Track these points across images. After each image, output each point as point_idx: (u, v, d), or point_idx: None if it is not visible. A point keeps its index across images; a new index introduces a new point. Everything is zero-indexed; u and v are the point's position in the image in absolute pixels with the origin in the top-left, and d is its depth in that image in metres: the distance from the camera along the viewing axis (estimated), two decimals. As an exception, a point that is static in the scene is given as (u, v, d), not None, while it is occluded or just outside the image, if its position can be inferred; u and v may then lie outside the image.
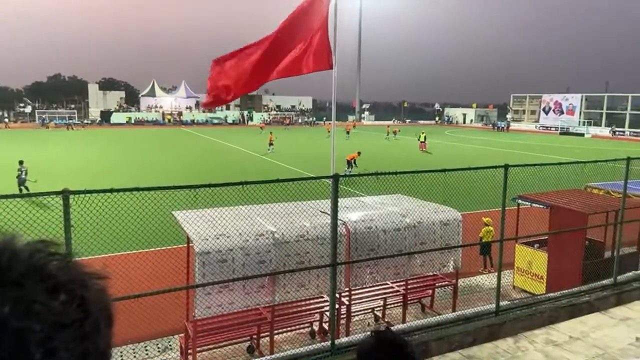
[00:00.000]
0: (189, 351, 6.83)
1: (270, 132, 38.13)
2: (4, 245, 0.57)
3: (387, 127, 56.11)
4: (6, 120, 67.55)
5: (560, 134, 68.17)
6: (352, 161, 25.04)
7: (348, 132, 48.01)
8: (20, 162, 18.67)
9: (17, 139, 43.57)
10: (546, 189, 10.50)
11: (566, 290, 8.64)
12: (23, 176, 18.26)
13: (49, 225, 5.76)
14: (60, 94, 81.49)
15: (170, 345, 7.74)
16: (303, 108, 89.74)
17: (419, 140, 38.72)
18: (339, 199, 6.45)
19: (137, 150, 36.47)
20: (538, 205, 10.20)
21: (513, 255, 10.23)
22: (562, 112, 77.39)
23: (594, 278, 9.06)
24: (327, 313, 7.51)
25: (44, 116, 68.01)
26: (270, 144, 35.56)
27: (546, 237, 10.14)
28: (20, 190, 17.41)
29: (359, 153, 25.82)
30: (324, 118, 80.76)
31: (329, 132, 43.69)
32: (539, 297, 8.70)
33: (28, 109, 72.48)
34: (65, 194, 4.58)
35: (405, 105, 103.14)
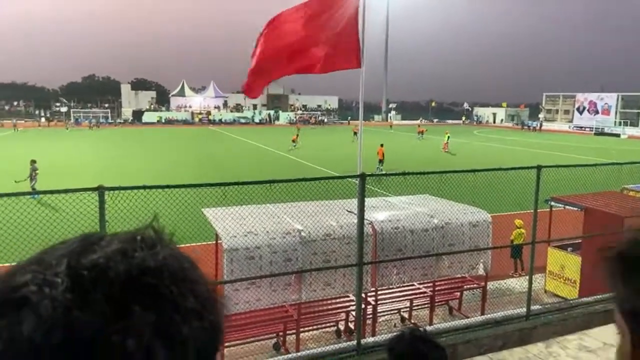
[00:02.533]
0: (217, 346, 6.92)
1: (298, 129, 39.19)
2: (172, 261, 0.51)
3: (418, 127, 55.25)
4: (42, 119, 70.17)
5: (595, 134, 66.02)
6: (382, 159, 25.09)
7: (389, 129, 47.24)
8: (32, 162, 18.65)
9: (53, 138, 45.12)
10: (580, 191, 10.19)
11: (600, 296, 8.36)
12: (35, 175, 18.17)
13: (81, 222, 5.95)
14: (94, 94, 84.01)
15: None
16: (329, 107, 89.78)
17: (444, 141, 38.26)
18: (365, 199, 6.42)
19: (169, 148, 37.23)
20: (572, 208, 9.91)
21: (545, 258, 9.97)
22: (597, 112, 74.94)
23: (631, 283, 8.72)
24: (353, 312, 7.49)
25: (77, 115, 70.29)
26: (294, 142, 36.92)
27: (580, 241, 9.84)
28: (33, 189, 17.01)
29: (382, 145, 25.80)
30: (349, 117, 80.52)
31: (355, 134, 43.67)
32: (571, 301, 8.45)
33: (64, 109, 75.04)
34: (100, 190, 4.72)
35: (434, 104, 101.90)
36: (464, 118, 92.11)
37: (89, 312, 0.44)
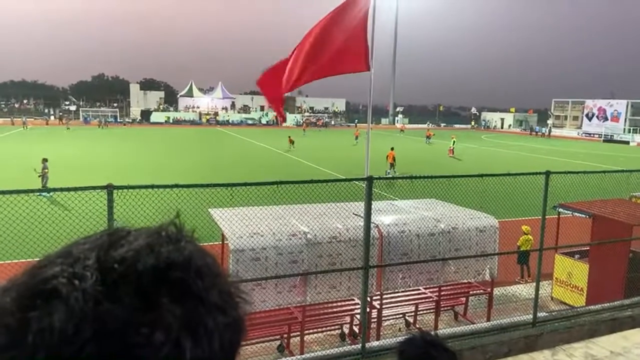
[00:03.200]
0: (221, 347, 6.93)
1: (289, 137, 39.61)
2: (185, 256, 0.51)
3: (427, 131, 55.01)
4: (51, 117, 70.79)
5: (604, 141, 65.53)
6: (393, 162, 25.10)
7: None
8: (44, 160, 18.63)
9: (61, 137, 45.48)
10: (589, 198, 10.12)
11: (608, 304, 8.29)
12: (47, 175, 18.17)
13: (90, 220, 5.99)
14: (103, 93, 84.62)
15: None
16: (336, 110, 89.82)
17: (450, 146, 38.09)
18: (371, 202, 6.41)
19: (179, 148, 37.41)
20: (580, 215, 9.83)
21: (552, 265, 9.90)
22: (606, 119, 74.39)
23: (638, 292, 8.66)
24: (358, 316, 7.47)
25: (86, 114, 70.83)
26: (291, 142, 37.80)
27: (587, 248, 9.76)
28: (44, 187, 17.04)
29: (392, 149, 25.83)
30: (356, 120, 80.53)
31: (356, 138, 43.50)
32: (578, 309, 8.38)
33: (73, 107, 75.61)
34: (109, 189, 4.75)
35: (441, 109, 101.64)
36: (472, 123, 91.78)
37: (118, 305, 0.44)
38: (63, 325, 0.43)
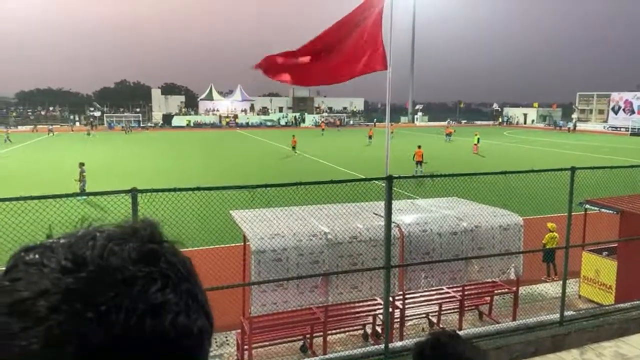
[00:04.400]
0: (245, 347, 7.00)
1: (293, 136, 37.52)
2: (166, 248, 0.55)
3: (447, 128, 53.21)
4: (77, 123, 72.56)
5: (631, 134, 63.64)
6: (421, 160, 24.95)
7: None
8: (81, 165, 19.16)
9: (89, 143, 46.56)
10: (616, 194, 9.85)
11: (637, 302, 8.05)
12: (84, 178, 18.77)
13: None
14: (126, 99, 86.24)
15: (227, 340, 7.97)
16: (355, 110, 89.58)
17: (474, 142, 37.43)
18: (392, 201, 6.38)
19: (202, 151, 37.91)
20: (607, 211, 9.58)
21: (579, 263, 9.67)
22: (633, 112, 72.20)
23: (671, 290, 8.38)
24: (381, 316, 7.44)
25: (110, 120, 72.32)
26: (293, 148, 35.33)
27: (616, 245, 9.50)
28: (82, 190, 17.32)
29: (419, 147, 25.63)
30: (375, 120, 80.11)
31: (370, 137, 42.98)
32: (607, 307, 8.17)
33: (97, 113, 77.33)
34: (133, 192, 4.84)
35: (462, 105, 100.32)
36: (499, 119, 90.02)
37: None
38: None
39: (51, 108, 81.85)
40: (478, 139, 37.26)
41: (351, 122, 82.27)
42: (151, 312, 0.48)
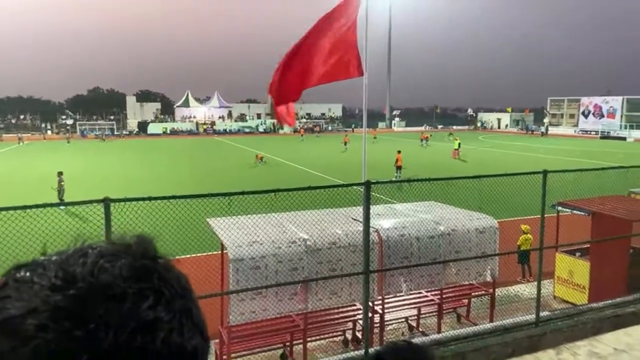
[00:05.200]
0: (224, 357, 6.90)
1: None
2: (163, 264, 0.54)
3: (422, 134, 54.49)
4: (48, 132, 70.84)
5: (601, 138, 65.69)
6: (401, 166, 25.25)
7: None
8: (59, 174, 18.87)
9: (59, 150, 45.47)
10: (587, 196, 10.12)
11: (610, 301, 8.26)
12: (63, 187, 18.45)
13: (90, 234, 5.94)
14: (99, 106, 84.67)
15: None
16: (333, 115, 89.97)
17: (454, 147, 37.91)
18: (370, 206, 6.40)
19: (176, 159, 37.41)
20: (579, 212, 9.83)
21: (553, 264, 9.88)
22: (602, 116, 74.62)
23: (640, 288, 8.63)
24: (360, 321, 7.44)
25: (83, 128, 70.82)
26: (261, 159, 33.54)
27: (588, 246, 9.75)
28: (60, 200, 17.34)
29: (399, 152, 25.89)
30: (353, 125, 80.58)
31: (345, 144, 42.96)
32: (581, 307, 8.35)
33: (69, 121, 75.63)
34: (106, 202, 4.74)
35: (438, 110, 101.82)
36: (477, 123, 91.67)
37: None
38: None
39: (22, 116, 79.71)
40: (459, 144, 37.70)
41: (329, 128, 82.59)
42: (142, 329, 0.47)
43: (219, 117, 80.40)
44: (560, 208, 10.02)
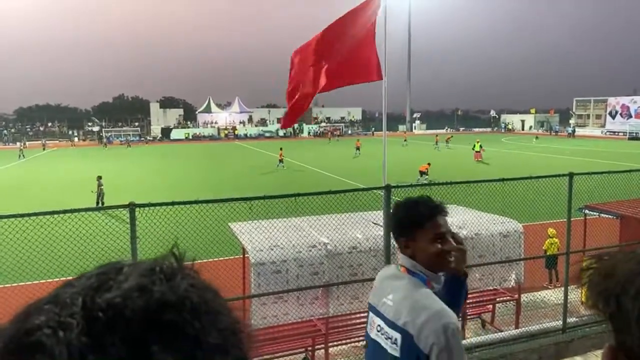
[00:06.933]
0: (246, 361, 6.92)
1: (281, 148, 36.08)
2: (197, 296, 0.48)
3: (436, 137, 53.62)
4: (75, 138, 72.77)
5: (629, 139, 63.84)
6: (425, 171, 25.32)
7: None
8: (99, 178, 19.86)
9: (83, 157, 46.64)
10: (616, 199, 9.83)
11: None
12: (102, 191, 19.51)
13: (117, 237, 6.09)
14: (124, 113, 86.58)
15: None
16: (352, 119, 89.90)
17: (473, 149, 37.34)
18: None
19: (199, 163, 37.92)
20: (607, 216, 9.56)
21: (580, 268, 9.61)
22: (630, 116, 72.51)
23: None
24: (382, 326, 7.37)
25: (108, 134, 72.54)
26: (280, 161, 33.54)
27: (616, 250, 9.45)
28: (98, 203, 18.75)
29: (429, 164, 25.93)
30: (372, 129, 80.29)
31: (358, 149, 42.55)
32: (610, 314, 8.10)
33: (96, 128, 77.56)
34: (131, 207, 4.83)
35: (459, 113, 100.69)
36: (500, 125, 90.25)
37: (105, 357, 0.42)
38: None
39: (50, 124, 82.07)
40: (480, 145, 37.06)
41: (349, 132, 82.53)
42: None
43: (240, 122, 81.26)
44: (587, 211, 9.76)
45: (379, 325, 2.24)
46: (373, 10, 6.88)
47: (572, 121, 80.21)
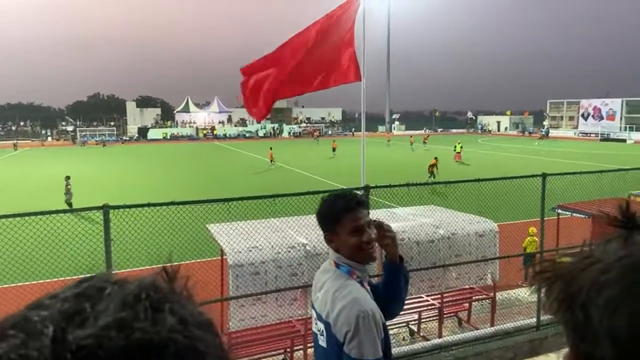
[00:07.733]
0: (224, 364, 6.86)
1: (270, 148, 36.17)
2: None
3: (411, 137, 53.67)
4: (49, 138, 71.01)
5: (601, 140, 65.73)
6: (434, 168, 25.32)
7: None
8: (67, 178, 19.27)
9: (58, 156, 45.53)
10: (588, 198, 10.10)
11: (612, 304, 8.23)
12: (70, 191, 18.87)
13: (90, 239, 5.96)
14: (100, 112, 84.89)
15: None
16: (333, 119, 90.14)
17: (454, 150, 37.80)
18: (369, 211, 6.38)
19: (176, 164, 37.42)
20: (579, 215, 9.81)
21: (554, 267, 9.84)
22: (601, 118, 74.69)
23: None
24: (361, 326, 7.40)
25: (83, 134, 71.01)
26: (272, 161, 33.90)
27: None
28: (69, 204, 17.74)
29: (436, 159, 26.21)
30: (353, 129, 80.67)
31: (334, 150, 42.73)
32: (582, 311, 8.31)
33: (70, 127, 75.81)
34: (105, 208, 4.73)
35: (437, 114, 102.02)
36: (475, 127, 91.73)
37: None
38: None
39: (22, 123, 79.90)
40: (461, 146, 37.45)
41: (329, 132, 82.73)
42: None
43: (219, 122, 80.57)
44: (560, 211, 10.01)
45: (315, 319, 2.35)
46: (352, 12, 6.90)
47: (545, 123, 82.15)
